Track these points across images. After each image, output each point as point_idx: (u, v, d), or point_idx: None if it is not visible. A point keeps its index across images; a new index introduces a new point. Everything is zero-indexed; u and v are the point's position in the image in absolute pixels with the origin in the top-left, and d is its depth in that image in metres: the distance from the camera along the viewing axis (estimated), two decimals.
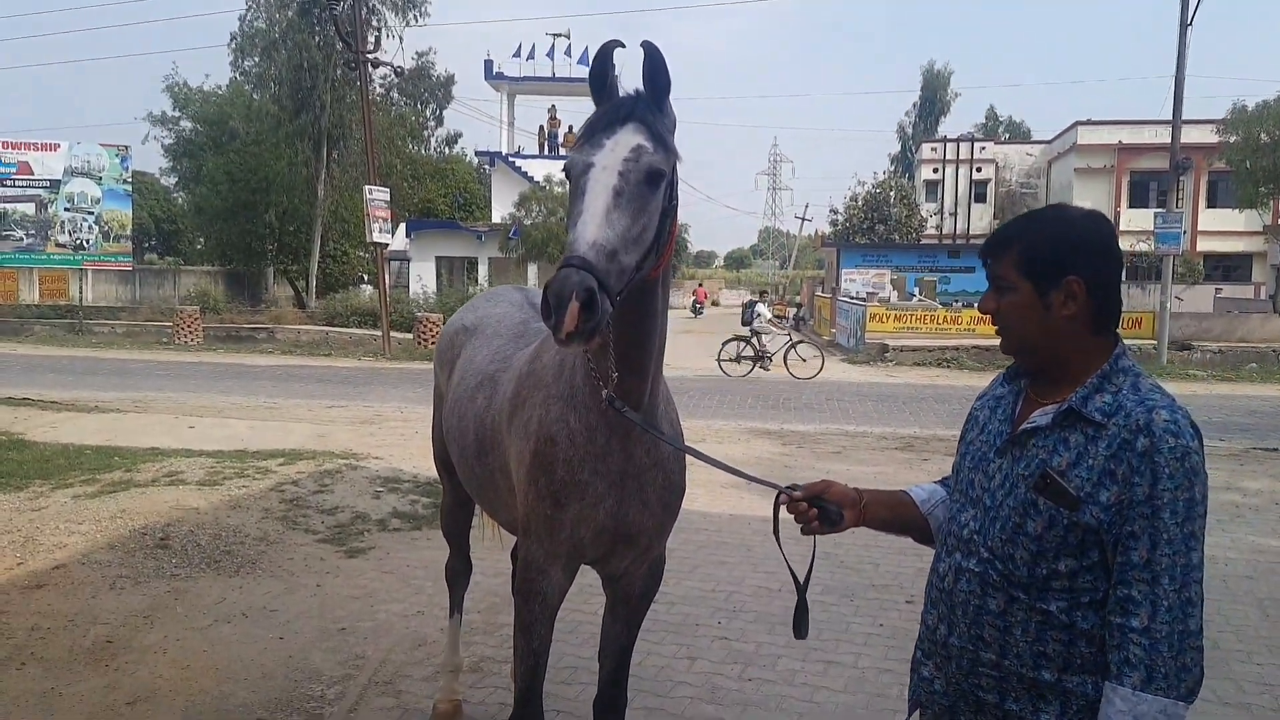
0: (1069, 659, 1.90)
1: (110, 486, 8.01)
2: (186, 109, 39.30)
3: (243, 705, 4.46)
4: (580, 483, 2.86)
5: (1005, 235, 2.05)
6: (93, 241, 28.61)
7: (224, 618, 5.50)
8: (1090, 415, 1.90)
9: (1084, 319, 1.96)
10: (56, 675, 4.71)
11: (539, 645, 3.08)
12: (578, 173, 2.41)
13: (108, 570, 6.18)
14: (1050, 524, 1.90)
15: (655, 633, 5.37)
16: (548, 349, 3.07)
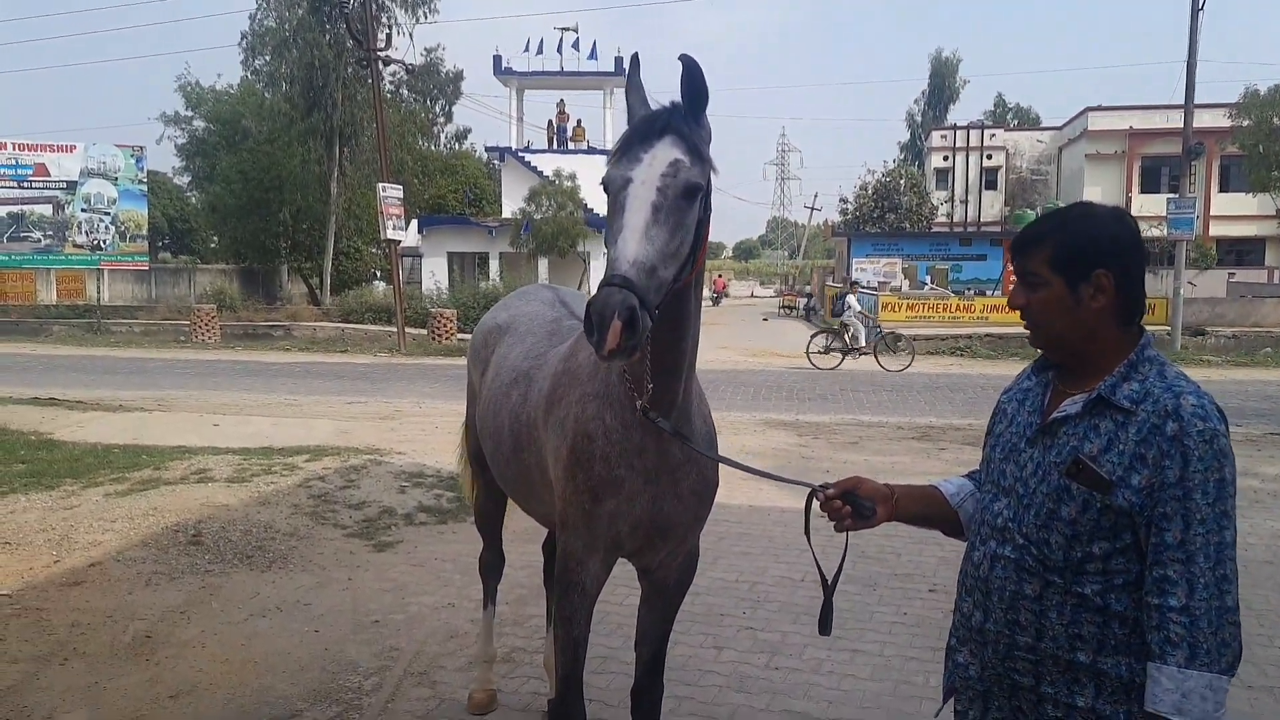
0: (1103, 641, 1.97)
1: (140, 485, 8.14)
2: (199, 109, 39.50)
3: (282, 697, 4.56)
4: (617, 478, 2.94)
5: (1037, 233, 2.12)
6: (109, 242, 28.81)
7: (259, 612, 5.62)
8: (1119, 403, 1.97)
9: (1112, 311, 2.04)
10: (99, 670, 4.82)
11: (579, 634, 3.16)
12: (616, 188, 2.44)
13: (143, 567, 6.30)
14: (1084, 508, 1.97)
15: (682, 623, 5.42)
16: (583, 347, 3.14)
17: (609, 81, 40.24)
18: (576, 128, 40.90)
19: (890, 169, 44.21)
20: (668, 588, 3.38)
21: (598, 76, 40.10)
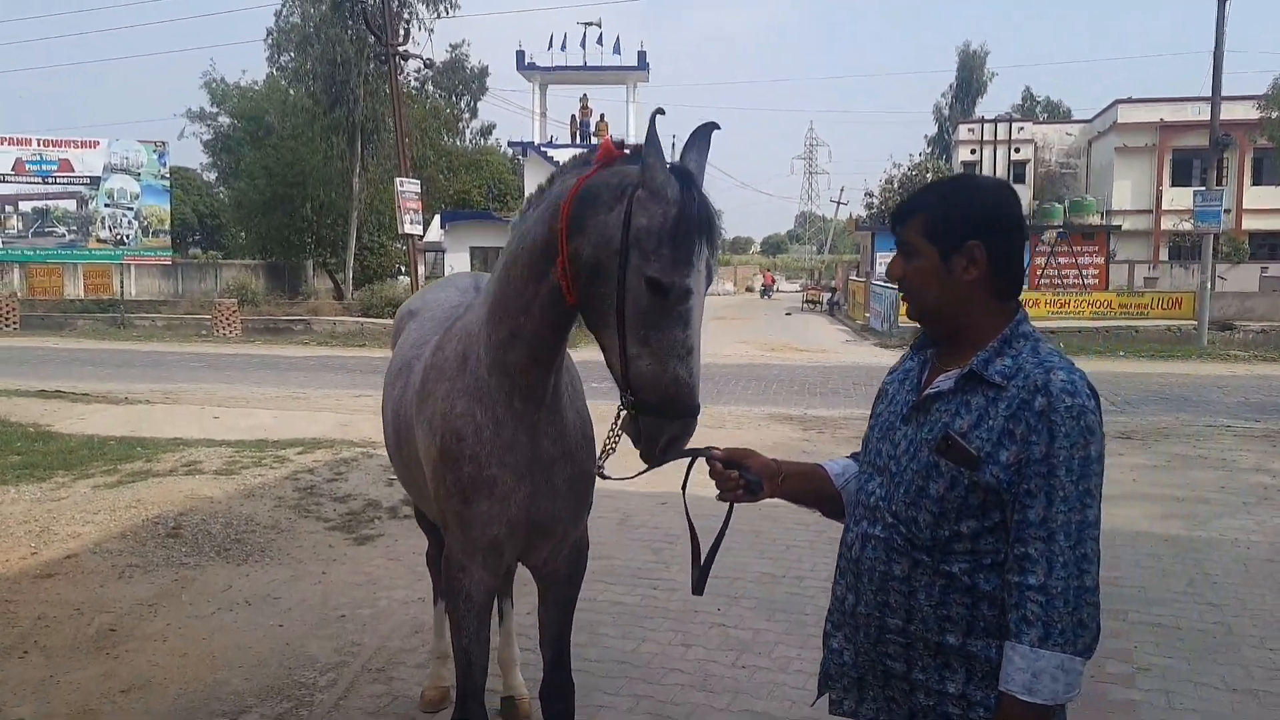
0: (972, 622, 1.93)
1: (129, 476, 8.12)
2: (224, 105, 39.79)
3: (235, 693, 4.48)
4: (489, 478, 2.84)
5: (914, 203, 2.10)
6: (133, 237, 29.03)
7: (227, 605, 5.55)
8: (991, 378, 1.93)
9: (985, 284, 2.00)
10: (57, 664, 4.76)
11: (469, 642, 3.04)
12: (676, 297, 2.31)
13: (118, 559, 6.26)
14: (952, 485, 1.93)
15: (653, 619, 5.35)
16: (453, 338, 3.03)
17: (632, 76, 40.14)
18: (600, 123, 40.79)
19: (916, 162, 43.80)
20: (558, 583, 3.28)
21: (621, 71, 40.01)
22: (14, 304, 28.38)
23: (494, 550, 2.95)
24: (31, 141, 28.22)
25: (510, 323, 2.73)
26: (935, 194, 2.09)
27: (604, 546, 6.31)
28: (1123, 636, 5.14)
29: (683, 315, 2.33)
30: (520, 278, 2.68)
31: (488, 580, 3.01)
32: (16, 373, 16.69)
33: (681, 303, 2.32)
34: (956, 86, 61.39)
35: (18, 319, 27.89)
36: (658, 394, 2.34)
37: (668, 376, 2.33)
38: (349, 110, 33.34)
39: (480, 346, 2.84)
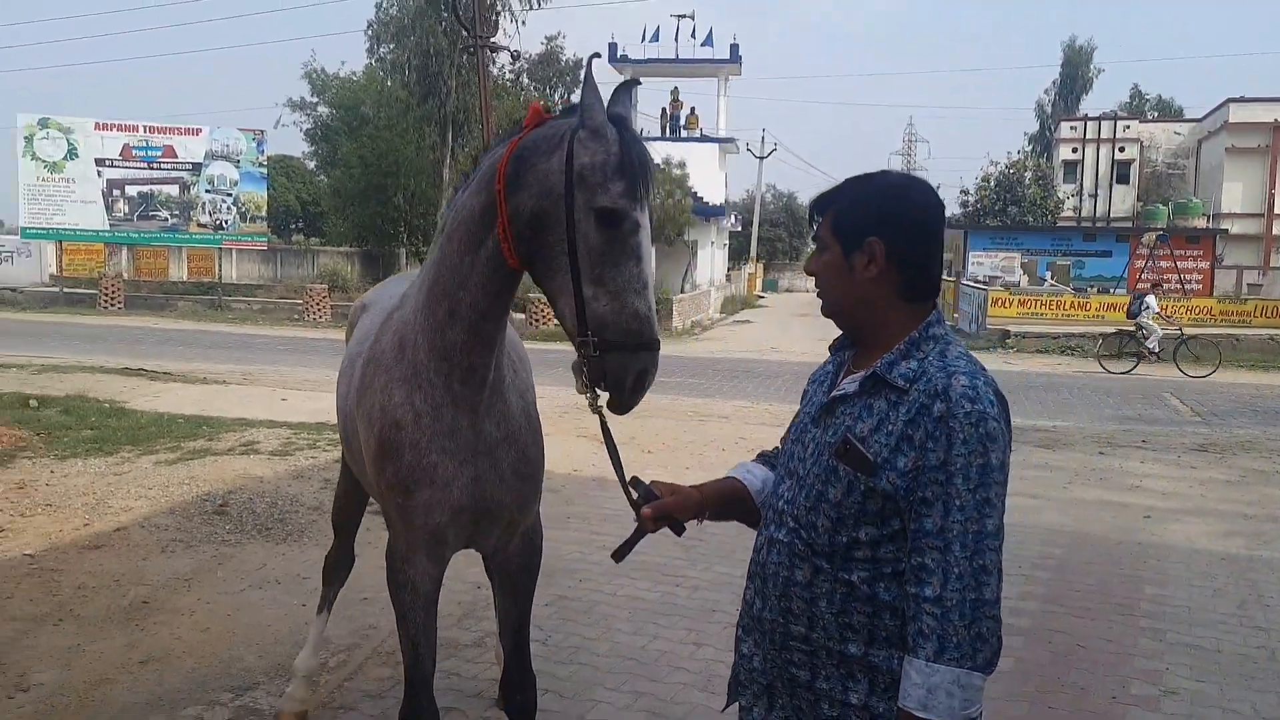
0: (873, 632, 1.88)
1: (189, 454, 8.38)
2: (324, 95, 40.78)
3: (246, 669, 4.59)
4: (429, 465, 2.80)
5: (825, 197, 2.06)
6: (231, 222, 30.02)
7: (258, 583, 5.68)
8: (893, 381, 1.88)
9: (890, 283, 1.94)
10: (87, 633, 4.94)
11: (415, 633, 3.02)
12: (628, 228, 2.37)
13: (164, 534, 6.47)
14: (849, 490, 1.88)
15: (669, 617, 5.31)
16: (388, 330, 3.01)
17: (724, 69, 39.99)
18: (690, 115, 40.75)
19: (1014, 160, 42.62)
20: (511, 572, 3.24)
21: (713, 64, 39.90)
22: (119, 284, 29.58)
23: (437, 539, 2.91)
24: (138, 128, 29.37)
25: (448, 300, 2.70)
26: (846, 189, 2.04)
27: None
28: (1156, 658, 4.93)
29: (635, 248, 2.37)
30: (456, 252, 2.67)
31: (433, 570, 2.98)
32: (111, 350, 17.39)
33: (634, 234, 2.37)
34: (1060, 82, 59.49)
35: (122, 299, 29.07)
36: (619, 331, 2.35)
37: (628, 311, 2.35)
38: (441, 102, 33.90)
39: (417, 333, 2.81)
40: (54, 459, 8.25)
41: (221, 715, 4.15)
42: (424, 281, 2.83)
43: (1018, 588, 5.86)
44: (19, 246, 32.45)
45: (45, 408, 10.24)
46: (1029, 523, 7.28)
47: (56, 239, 29.82)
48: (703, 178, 35.76)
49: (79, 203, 28.75)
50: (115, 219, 29.38)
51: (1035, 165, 43.34)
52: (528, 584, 3.28)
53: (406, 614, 3.00)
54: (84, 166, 28.69)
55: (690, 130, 40.19)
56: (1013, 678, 4.63)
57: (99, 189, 28.90)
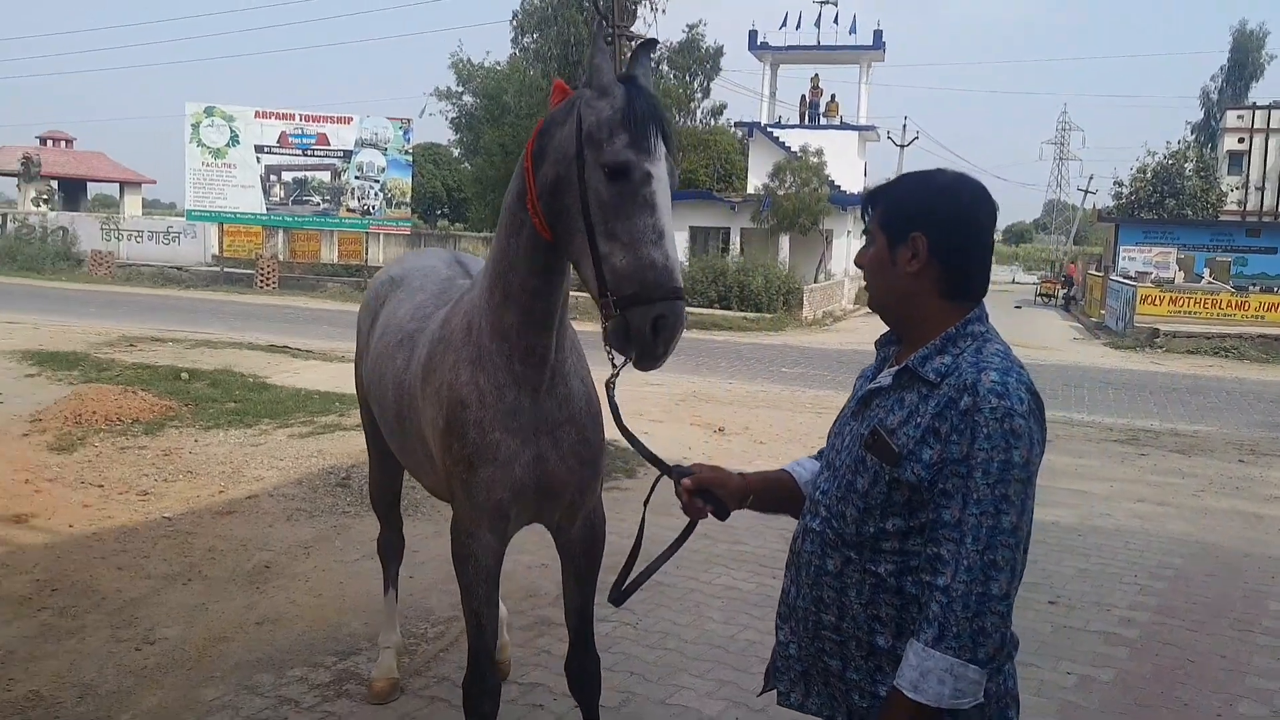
0: (901, 625, 1.91)
1: (321, 428, 8.81)
2: (469, 84, 41.80)
3: (351, 635, 4.84)
4: (492, 443, 2.88)
5: (880, 190, 2.08)
6: (378, 207, 31.16)
7: (370, 554, 5.89)
8: (926, 375, 1.90)
9: (930, 279, 1.96)
10: (212, 593, 5.28)
11: (479, 606, 3.09)
12: (638, 179, 2.36)
13: (290, 503, 6.84)
14: (874, 481, 1.91)
15: (761, 608, 5.33)
16: (458, 312, 3.08)
17: (866, 56, 39.24)
18: (830, 103, 40.19)
19: (1174, 150, 40.49)
20: (574, 557, 3.28)
21: (855, 50, 39.20)
22: (274, 265, 31.10)
23: (500, 514, 2.98)
24: (295, 116, 30.74)
25: (502, 282, 2.81)
26: (898, 183, 2.07)
27: (736, 531, 6.33)
28: (1271, 677, 4.71)
29: (648, 199, 2.34)
30: (504, 236, 2.78)
31: (495, 545, 3.05)
32: (262, 328, 18.33)
33: (645, 185, 2.35)
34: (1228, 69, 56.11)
35: (277, 279, 30.56)
36: (637, 282, 2.33)
37: (644, 262, 2.32)
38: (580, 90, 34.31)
39: (481, 315, 2.91)
40: (199, 429, 8.80)
41: (324, 677, 4.39)
42: (486, 268, 2.95)
43: (1130, 597, 5.66)
44: (185, 228, 34.47)
45: (195, 380, 10.90)
46: (1151, 530, 7.00)
47: (218, 221, 31.50)
48: (841, 166, 35.25)
49: (239, 187, 30.29)
50: (272, 203, 30.83)
51: (1197, 156, 41.11)
52: (590, 568, 3.31)
53: (470, 586, 3.08)
54: (244, 153, 30.20)
55: (829, 118, 39.64)
56: (1112, 689, 4.50)
57: (258, 174, 30.39)
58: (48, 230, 35.04)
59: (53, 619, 4.86)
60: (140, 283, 30.02)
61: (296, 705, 4.12)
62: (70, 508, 6.57)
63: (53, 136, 49.56)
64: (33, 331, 15.04)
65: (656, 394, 12.51)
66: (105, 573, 5.48)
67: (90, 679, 4.26)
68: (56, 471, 7.39)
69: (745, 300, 27.02)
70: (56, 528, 6.19)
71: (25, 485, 6.97)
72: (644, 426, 10.05)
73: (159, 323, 17.97)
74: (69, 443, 8.08)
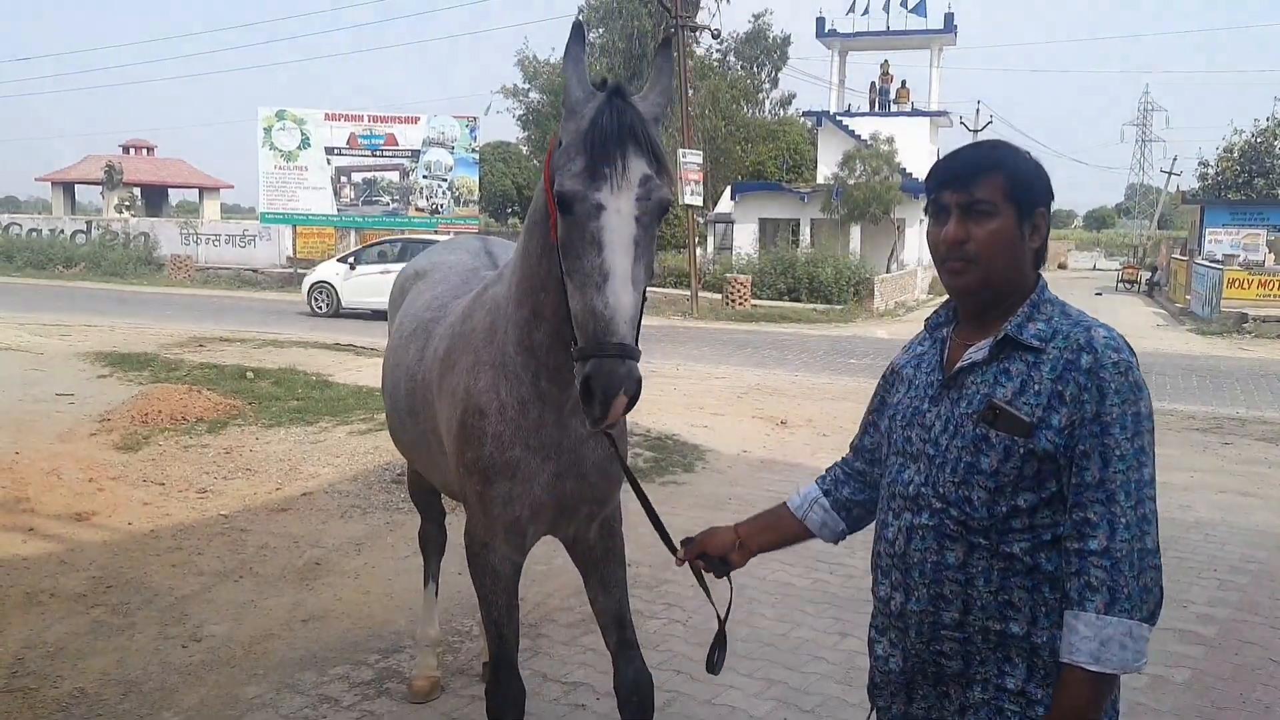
0: (1035, 607, 1.85)
1: (379, 425, 8.80)
2: (535, 81, 41.95)
3: (395, 632, 4.79)
4: (511, 460, 2.70)
5: (986, 159, 1.95)
6: (445, 205, 31.41)
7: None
8: (1028, 341, 1.87)
9: (1035, 253, 1.96)
10: (262, 589, 5.28)
11: (499, 616, 2.94)
12: (585, 214, 2.13)
13: (344, 500, 6.84)
14: (1006, 456, 1.85)
15: (816, 605, 5.19)
16: (481, 307, 2.89)
17: (937, 40, 38.49)
18: (900, 89, 39.55)
19: (1263, 128, 38.96)
20: (595, 563, 3.10)
21: (925, 35, 38.47)
22: None
23: (516, 530, 2.83)
24: (363, 118, 31.13)
25: (532, 300, 2.59)
26: (1007, 152, 1.96)
27: None
28: None
29: (594, 235, 2.11)
30: (534, 253, 2.54)
31: (513, 556, 2.91)
32: (330, 327, 18.57)
33: (591, 219, 2.12)
34: None
35: None
36: (584, 333, 2.12)
37: (586, 309, 2.11)
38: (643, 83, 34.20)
39: (507, 323, 2.71)
40: (261, 427, 8.88)
41: (366, 675, 4.34)
42: (515, 268, 2.70)
43: (1209, 593, 5.36)
44: (260, 231, 35.11)
45: (260, 379, 11.03)
46: (1233, 522, 6.65)
47: (291, 223, 32.05)
48: (913, 153, 34.63)
49: (311, 189, 30.77)
50: (342, 204, 31.26)
51: None
52: (616, 572, 3.10)
53: (489, 598, 2.94)
54: (315, 155, 30.66)
55: (900, 104, 38.99)
56: (1186, 691, 4.24)
57: (328, 176, 30.83)
58: (130, 236, 36.00)
59: (105, 616, 4.89)
60: (217, 285, 30.70)
61: (336, 704, 4.08)
62: (131, 506, 6.66)
63: (135, 145, 50.92)
64: (108, 334, 15.42)
65: (719, 387, 12.36)
66: (159, 570, 5.52)
67: (135, 676, 4.26)
68: (120, 470, 7.50)
69: (815, 292, 26.68)
70: (116, 525, 6.26)
71: (89, 484, 7.08)
72: (705, 420, 9.92)
73: (231, 324, 18.31)
74: (134, 442, 8.21)
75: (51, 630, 4.70)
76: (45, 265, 33.47)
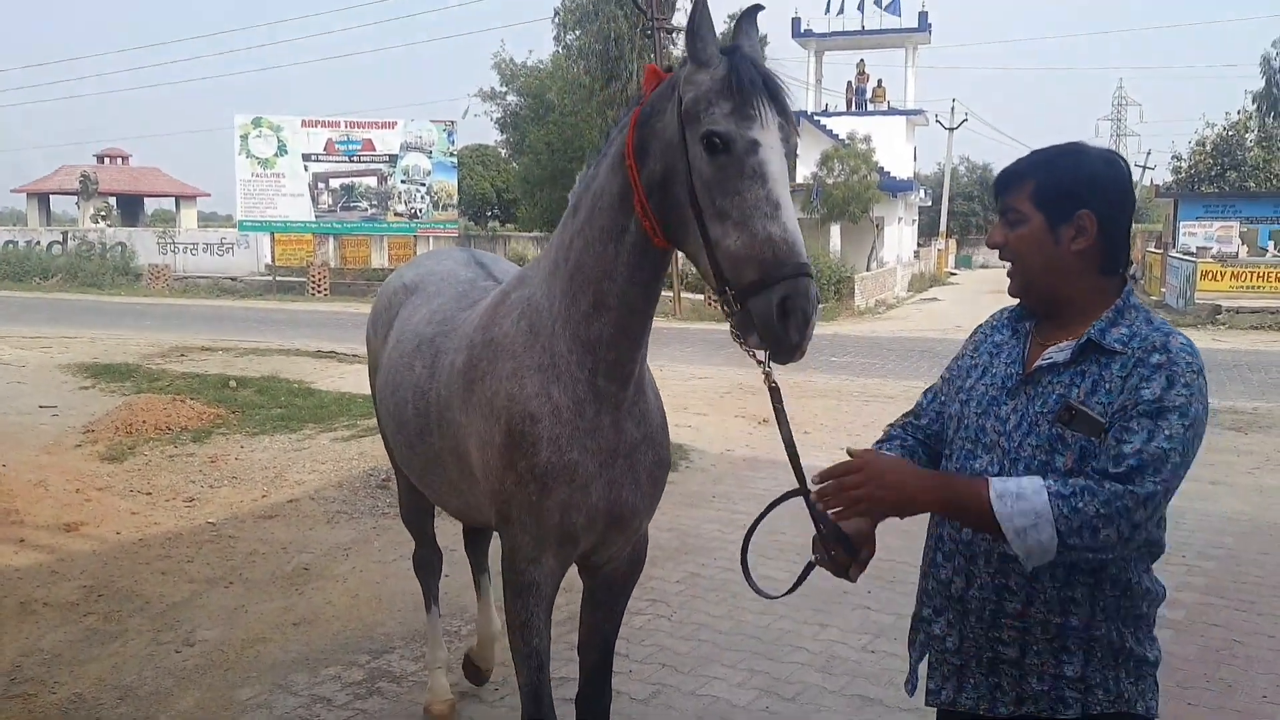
0: (1095, 603, 1.93)
1: (364, 431, 8.89)
2: (512, 84, 41.98)
3: (385, 634, 4.88)
4: (570, 463, 2.59)
5: (1020, 168, 2.05)
6: (424, 210, 31.44)
7: (408, 554, 5.90)
8: (1110, 346, 1.91)
9: (1093, 256, 1.98)
10: (252, 595, 5.36)
11: (539, 642, 2.78)
12: (744, 149, 2.14)
13: (330, 506, 6.92)
14: (1082, 456, 1.89)
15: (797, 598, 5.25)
16: (508, 314, 2.76)
17: (913, 38, 38.81)
18: (876, 88, 39.81)
19: (1233, 121, 39.39)
20: (616, 582, 3.02)
21: (900, 34, 38.79)
22: (324, 273, 31.49)
23: (569, 540, 2.70)
24: (340, 124, 31.13)
25: (593, 290, 2.50)
26: (1045, 159, 2.04)
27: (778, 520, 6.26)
28: None
29: (756, 169, 2.13)
30: (599, 240, 2.48)
31: (559, 571, 2.78)
32: (310, 334, 18.57)
33: (751, 154, 2.14)
34: None
35: (327, 286, 30.94)
36: (754, 263, 2.09)
37: (760, 238, 2.08)
38: (623, 85, 34.23)
39: (555, 320, 2.60)
40: (245, 435, 8.93)
41: (358, 675, 4.43)
42: (559, 263, 2.61)
43: (1177, 578, 5.51)
44: (238, 239, 35.03)
45: (243, 388, 11.07)
46: (1201, 509, 6.80)
47: (269, 231, 31.97)
48: (890, 152, 34.89)
49: (288, 196, 30.72)
50: (320, 210, 31.21)
51: (1259, 126, 39.95)
52: (629, 592, 3.10)
53: (529, 621, 2.76)
54: (292, 162, 30.61)
55: (877, 103, 39.25)
56: None
57: (306, 183, 30.78)
58: (106, 246, 35.84)
59: (98, 624, 4.96)
60: (196, 294, 30.59)
61: (329, 703, 4.17)
62: (119, 515, 6.71)
63: (110, 154, 50.62)
64: (89, 345, 15.40)
65: (703, 387, 12.48)
66: (149, 578, 5.58)
67: (130, 681, 4.34)
68: (107, 480, 7.54)
69: None
70: (105, 535, 6.32)
71: (76, 494, 7.13)
72: (689, 420, 10.03)
73: (212, 332, 18.29)
74: (119, 452, 8.25)
75: (46, 638, 4.77)
76: (22, 277, 33.25)
